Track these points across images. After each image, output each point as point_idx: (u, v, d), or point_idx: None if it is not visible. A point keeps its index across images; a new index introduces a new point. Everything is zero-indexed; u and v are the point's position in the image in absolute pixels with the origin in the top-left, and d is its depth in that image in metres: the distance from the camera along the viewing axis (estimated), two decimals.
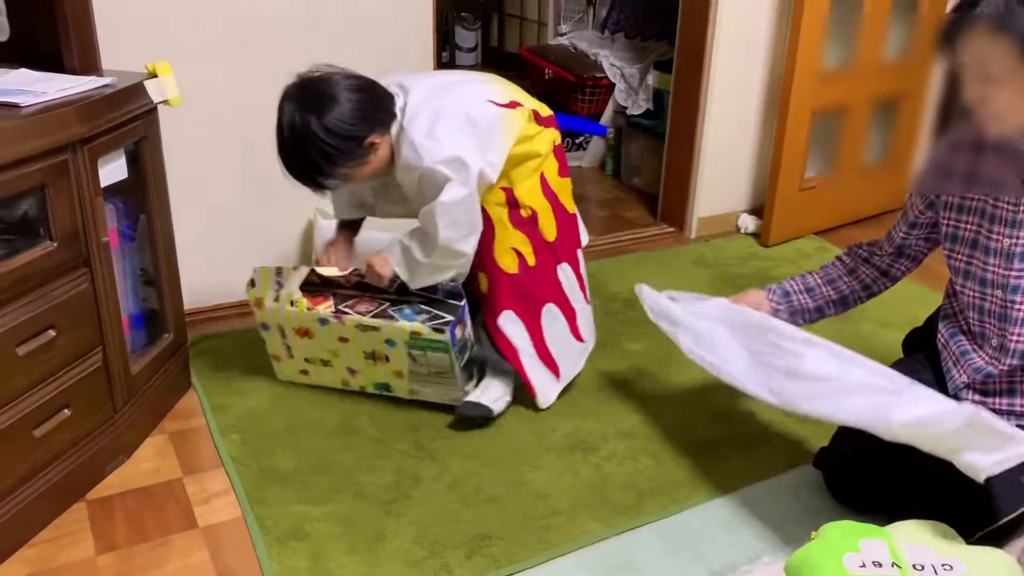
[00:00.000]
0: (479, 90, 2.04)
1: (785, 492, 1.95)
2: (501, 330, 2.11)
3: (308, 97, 1.86)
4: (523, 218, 2.08)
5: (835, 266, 2.02)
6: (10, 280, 1.60)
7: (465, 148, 1.91)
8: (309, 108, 1.84)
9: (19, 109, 1.62)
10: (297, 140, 1.86)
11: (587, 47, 4.36)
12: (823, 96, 3.17)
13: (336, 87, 1.88)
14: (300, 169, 1.92)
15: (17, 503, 1.68)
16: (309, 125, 1.84)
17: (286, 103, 1.87)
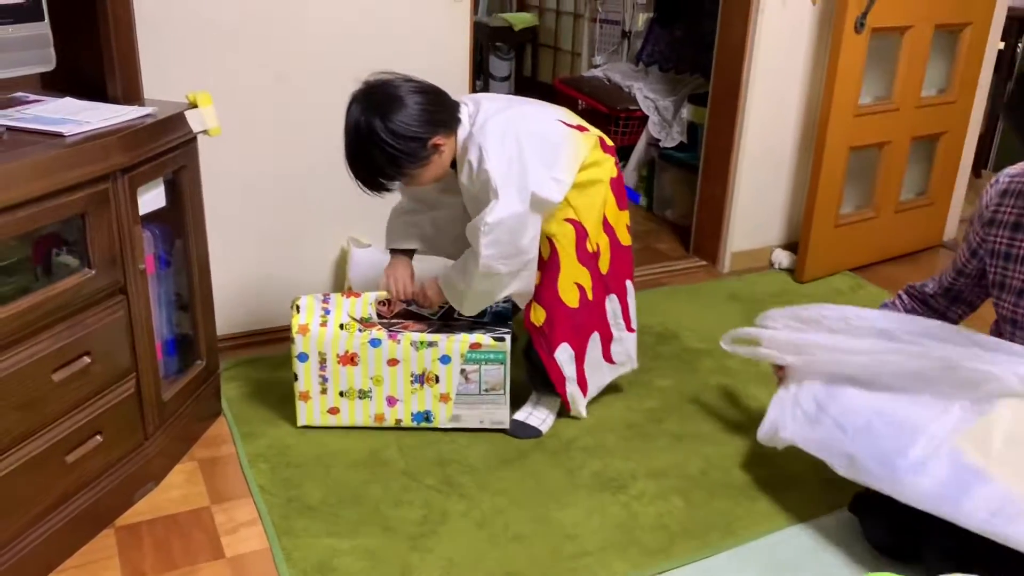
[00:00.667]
0: (549, 110, 2.12)
1: (820, 538, 1.90)
2: (556, 361, 2.15)
3: (373, 100, 1.89)
4: (589, 253, 2.12)
5: (894, 306, 2.02)
6: (49, 307, 1.61)
7: (529, 162, 1.94)
8: (374, 110, 1.87)
9: (63, 138, 1.64)
10: (362, 142, 1.89)
11: (621, 79, 4.36)
12: (860, 132, 3.15)
13: (400, 89, 1.91)
14: (365, 170, 1.94)
15: (48, 528, 1.69)
16: (373, 126, 1.86)
17: (353, 106, 1.90)
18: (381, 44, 2.55)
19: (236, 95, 2.39)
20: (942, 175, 3.56)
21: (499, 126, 1.95)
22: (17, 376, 1.56)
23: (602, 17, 5.00)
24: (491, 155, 1.92)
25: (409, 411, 2.17)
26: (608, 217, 2.17)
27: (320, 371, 2.15)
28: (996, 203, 1.81)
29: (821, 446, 1.83)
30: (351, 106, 1.91)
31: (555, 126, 2.06)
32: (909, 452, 1.64)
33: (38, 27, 1.76)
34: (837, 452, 1.78)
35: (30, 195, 1.53)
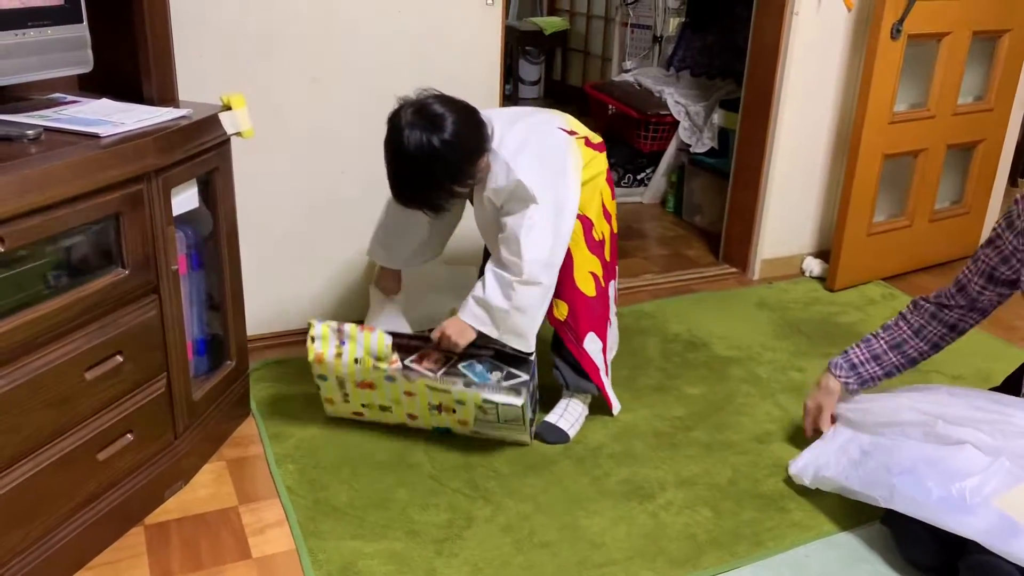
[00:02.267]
0: (548, 118, 2.17)
1: (851, 551, 1.88)
2: (586, 352, 2.17)
3: (426, 121, 1.89)
4: (596, 241, 2.16)
5: (899, 327, 2.01)
6: (83, 306, 1.63)
7: (547, 173, 2.01)
8: (431, 130, 1.88)
9: (99, 139, 1.66)
10: (423, 162, 1.89)
11: (652, 84, 4.35)
12: (895, 139, 3.11)
13: (447, 111, 1.92)
14: (423, 191, 1.95)
15: (78, 525, 1.71)
16: (435, 145, 1.87)
17: (407, 129, 1.88)
18: (413, 48, 2.56)
19: (270, 98, 2.41)
20: (978, 184, 3.50)
21: (516, 140, 2.02)
22: (51, 374, 1.58)
23: (633, 22, 4.98)
24: (520, 167, 1.97)
25: (430, 425, 2.18)
26: (606, 206, 2.24)
27: (342, 390, 2.15)
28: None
29: (864, 483, 1.83)
30: (401, 128, 1.89)
31: (558, 134, 2.12)
32: (955, 494, 1.65)
33: (76, 29, 1.78)
34: (880, 485, 1.78)
35: (66, 195, 1.54)
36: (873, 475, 1.82)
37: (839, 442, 1.98)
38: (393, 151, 1.92)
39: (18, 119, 1.71)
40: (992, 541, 1.58)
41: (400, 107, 1.94)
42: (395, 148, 1.91)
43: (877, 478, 1.80)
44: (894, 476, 1.76)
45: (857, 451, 1.90)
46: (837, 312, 3.07)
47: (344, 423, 2.24)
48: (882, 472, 1.80)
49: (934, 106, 3.17)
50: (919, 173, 3.27)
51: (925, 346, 1.98)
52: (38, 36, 1.71)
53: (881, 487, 1.78)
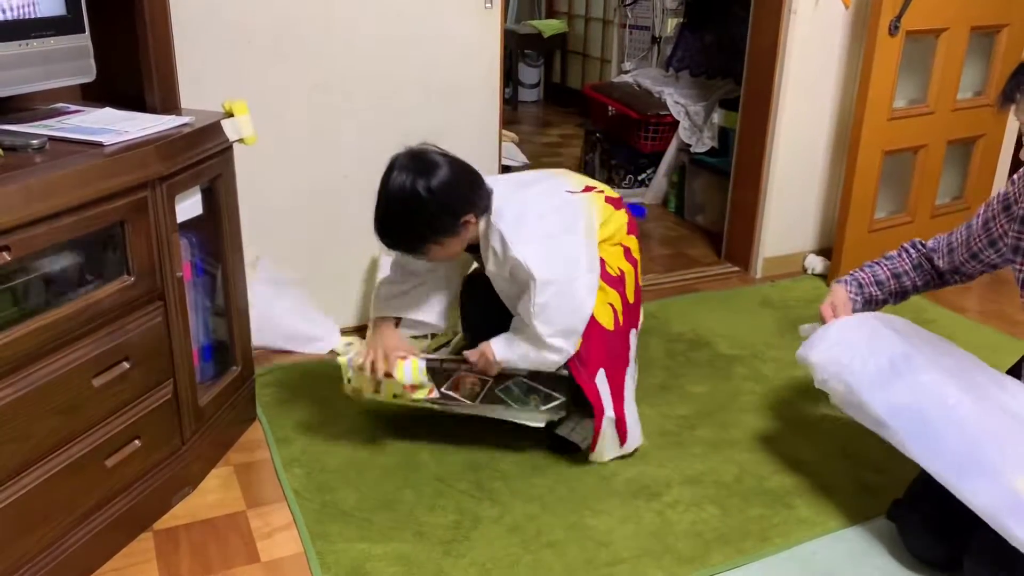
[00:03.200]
0: (554, 183, 2.12)
1: (858, 546, 1.88)
2: (596, 387, 2.06)
3: (418, 166, 1.90)
4: (612, 276, 2.10)
5: (901, 259, 2.05)
6: (89, 314, 1.64)
7: (549, 243, 1.96)
8: (418, 175, 1.89)
9: (103, 148, 1.67)
10: (404, 204, 1.89)
11: (651, 85, 4.36)
12: (895, 135, 3.11)
13: (443, 162, 1.92)
14: (400, 233, 1.95)
15: (87, 532, 1.71)
16: (418, 189, 1.88)
17: (396, 171, 1.90)
18: (413, 52, 2.57)
19: (271, 104, 2.42)
20: (978, 179, 3.51)
21: (514, 210, 1.98)
22: (59, 381, 1.59)
23: (631, 23, 5.00)
24: (516, 241, 1.93)
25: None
26: (633, 252, 2.20)
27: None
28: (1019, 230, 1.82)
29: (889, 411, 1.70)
30: (393, 170, 1.91)
31: (563, 197, 2.08)
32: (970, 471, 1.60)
33: (79, 39, 1.79)
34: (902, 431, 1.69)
35: (71, 204, 1.55)
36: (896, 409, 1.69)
37: (866, 332, 1.82)
38: (380, 188, 1.93)
39: (23, 129, 1.72)
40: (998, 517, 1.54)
41: (400, 152, 1.95)
42: (382, 185, 1.92)
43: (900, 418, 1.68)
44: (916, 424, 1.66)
45: (886, 360, 1.74)
46: None
47: (350, 427, 2.25)
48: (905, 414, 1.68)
49: (933, 102, 3.17)
50: (919, 169, 3.28)
51: (920, 282, 2.02)
52: (41, 47, 1.72)
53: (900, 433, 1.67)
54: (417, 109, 2.63)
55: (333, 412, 2.32)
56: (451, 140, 2.69)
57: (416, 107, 2.63)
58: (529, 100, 6.75)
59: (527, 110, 6.56)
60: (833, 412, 2.35)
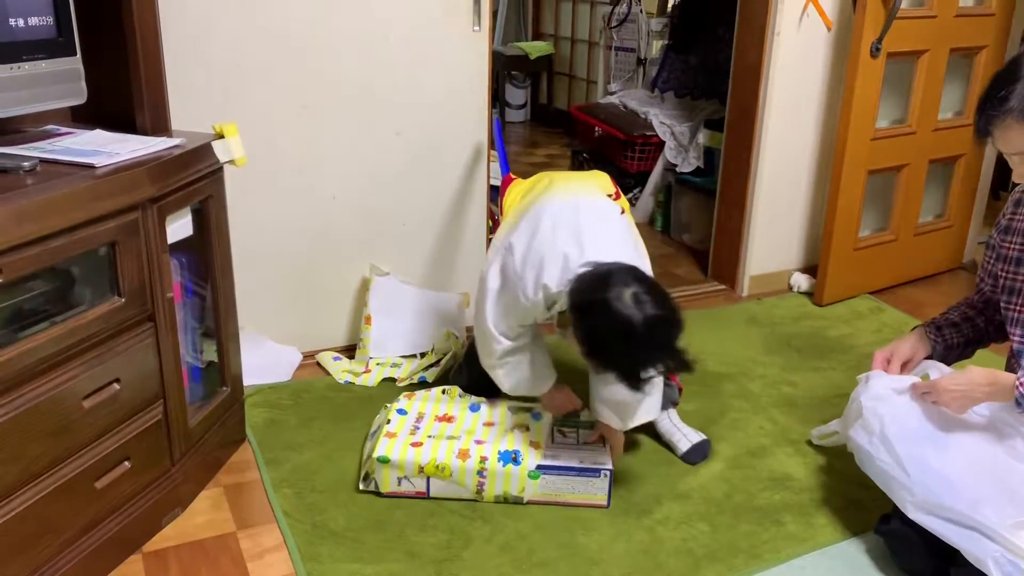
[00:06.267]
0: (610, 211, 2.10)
1: (847, 562, 1.89)
2: None
3: (654, 299, 1.76)
4: None
5: (968, 303, 2.05)
6: (80, 335, 1.64)
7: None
8: (664, 307, 1.77)
9: (94, 169, 1.68)
10: (672, 336, 1.78)
11: (637, 105, 4.40)
12: (878, 155, 3.16)
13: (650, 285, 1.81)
14: (669, 355, 1.80)
15: (77, 554, 1.70)
16: (678, 319, 1.79)
17: (650, 311, 1.73)
18: (402, 74, 2.60)
19: (261, 125, 2.43)
20: (960, 197, 3.56)
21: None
22: (49, 403, 1.58)
23: (617, 45, 5.05)
24: None
25: (496, 449, 2.05)
26: None
27: (415, 423, 2.16)
28: (1011, 212, 1.90)
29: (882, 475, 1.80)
30: (634, 310, 1.72)
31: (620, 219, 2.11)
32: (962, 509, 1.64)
33: (70, 62, 1.80)
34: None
35: (63, 225, 1.55)
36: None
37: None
38: (639, 339, 1.74)
39: (14, 151, 1.72)
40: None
41: (609, 294, 1.74)
42: (642, 335, 1.73)
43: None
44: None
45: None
46: (826, 326, 3.10)
47: (340, 447, 2.25)
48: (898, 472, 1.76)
49: (915, 122, 3.22)
50: (902, 188, 3.32)
51: (991, 327, 2.02)
52: (32, 69, 1.73)
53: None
54: (406, 130, 2.65)
55: (323, 433, 2.32)
56: (440, 160, 2.73)
57: (405, 128, 2.65)
58: (516, 121, 6.79)
59: (514, 130, 6.60)
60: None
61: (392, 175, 2.68)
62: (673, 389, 2.30)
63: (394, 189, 2.68)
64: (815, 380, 2.70)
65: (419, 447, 2.03)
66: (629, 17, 4.93)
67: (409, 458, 2.01)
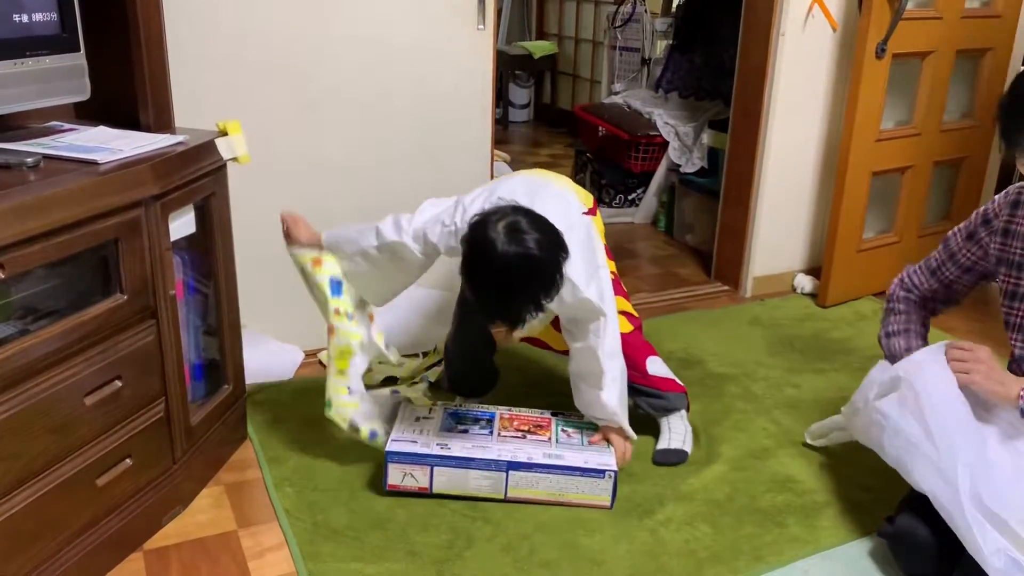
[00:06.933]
0: (575, 205, 2.10)
1: (850, 564, 1.89)
2: (655, 376, 2.23)
3: (522, 237, 1.78)
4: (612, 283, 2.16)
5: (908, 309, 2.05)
6: (82, 332, 1.64)
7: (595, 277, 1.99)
8: (528, 246, 1.77)
9: (97, 166, 1.67)
10: (526, 277, 1.79)
11: (641, 105, 4.39)
12: (882, 157, 3.15)
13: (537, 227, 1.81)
14: (519, 306, 1.83)
15: (78, 551, 1.70)
16: (537, 261, 1.78)
17: (506, 246, 1.76)
18: (406, 73, 2.59)
19: (265, 123, 2.43)
20: (965, 199, 3.54)
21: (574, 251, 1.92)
22: (51, 400, 1.58)
23: (621, 45, 5.04)
24: (581, 283, 1.92)
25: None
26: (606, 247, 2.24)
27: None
28: (1009, 214, 1.84)
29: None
30: (496, 243, 1.76)
31: (584, 221, 2.06)
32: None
33: (74, 58, 1.80)
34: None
35: (65, 221, 1.55)
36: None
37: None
38: (490, 272, 1.80)
39: (17, 147, 1.72)
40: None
41: (482, 226, 1.80)
42: (492, 269, 1.79)
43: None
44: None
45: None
46: (829, 328, 3.09)
47: (342, 446, 2.24)
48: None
49: (920, 124, 3.21)
50: (907, 190, 3.31)
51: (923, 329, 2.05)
52: (36, 65, 1.72)
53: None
54: (410, 129, 2.65)
55: (325, 431, 2.30)
56: (444, 160, 2.72)
57: (409, 127, 2.65)
58: (519, 120, 6.79)
59: (517, 130, 6.59)
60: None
61: (395, 173, 2.68)
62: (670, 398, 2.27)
63: (397, 187, 2.67)
64: (818, 382, 2.69)
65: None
66: (633, 17, 4.92)
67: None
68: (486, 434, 2.11)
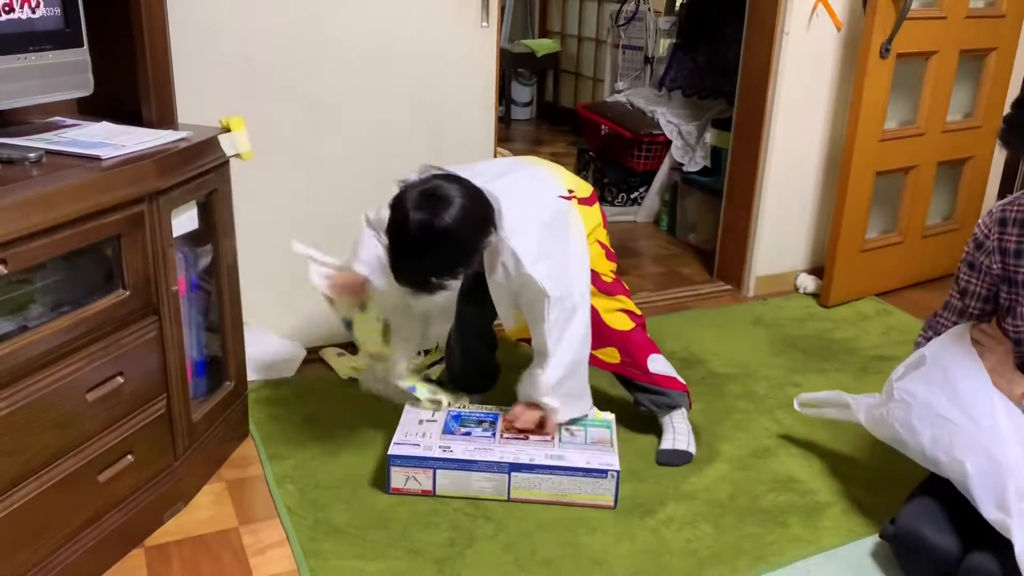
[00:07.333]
0: (551, 188, 2.09)
1: (852, 565, 1.88)
2: (657, 374, 2.22)
3: (433, 204, 1.81)
4: (609, 283, 2.18)
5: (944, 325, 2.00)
6: (84, 328, 1.63)
7: (555, 260, 1.98)
8: (436, 214, 1.80)
9: (100, 161, 1.67)
10: (426, 243, 1.82)
11: (644, 104, 4.39)
12: (886, 157, 3.14)
13: (454, 194, 1.84)
14: (421, 272, 1.88)
15: (79, 547, 1.70)
16: (440, 229, 1.80)
17: (413, 211, 1.80)
18: (409, 70, 2.59)
19: (268, 120, 2.42)
20: (968, 200, 3.54)
21: (518, 222, 1.94)
22: (53, 396, 1.58)
23: (625, 43, 5.03)
24: (528, 260, 1.92)
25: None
26: (606, 243, 2.25)
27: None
28: (1019, 234, 1.81)
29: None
30: (410, 211, 1.81)
31: (558, 204, 2.04)
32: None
33: (77, 53, 1.80)
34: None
35: (68, 217, 1.55)
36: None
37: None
38: (395, 231, 1.84)
39: (20, 142, 1.72)
40: None
41: (404, 190, 1.85)
42: (397, 229, 1.83)
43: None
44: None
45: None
46: (832, 328, 3.08)
47: (343, 443, 2.24)
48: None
49: (924, 124, 3.21)
50: (910, 190, 3.31)
51: None
52: (39, 60, 1.72)
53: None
54: (413, 126, 2.65)
55: (326, 428, 2.31)
56: (447, 157, 2.71)
57: (412, 124, 2.64)
58: (522, 118, 6.78)
59: (520, 128, 6.59)
60: (825, 431, 2.36)
61: (399, 171, 2.66)
62: (671, 395, 2.27)
63: None
64: (820, 382, 2.68)
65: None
66: (637, 15, 4.91)
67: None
68: (488, 436, 2.10)
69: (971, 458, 1.65)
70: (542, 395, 2.06)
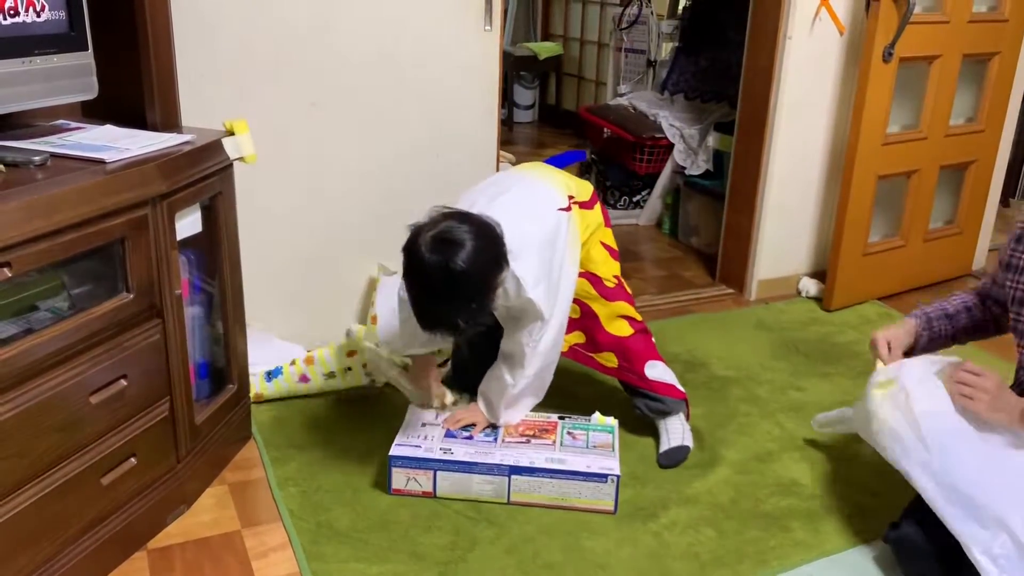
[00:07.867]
0: (549, 201, 2.05)
1: (855, 569, 1.88)
2: (655, 380, 2.23)
3: (446, 249, 1.76)
4: (611, 288, 2.18)
5: (966, 295, 2.04)
6: (88, 331, 1.64)
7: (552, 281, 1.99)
8: (450, 258, 1.75)
9: (104, 165, 1.67)
10: (447, 289, 1.78)
11: (646, 107, 4.39)
12: (888, 161, 3.14)
13: (467, 236, 1.79)
14: (448, 317, 1.82)
15: (82, 550, 1.70)
16: (457, 273, 1.75)
17: (430, 255, 1.76)
18: (412, 72, 2.59)
19: (271, 123, 2.43)
20: (971, 204, 3.54)
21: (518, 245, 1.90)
22: (56, 398, 1.58)
23: (627, 46, 5.03)
24: (528, 283, 1.91)
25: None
26: (609, 243, 2.24)
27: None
28: (1012, 248, 1.86)
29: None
30: (427, 256, 1.76)
31: (555, 218, 2.02)
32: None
33: (82, 57, 1.80)
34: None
35: (72, 220, 1.55)
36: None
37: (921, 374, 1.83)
38: (414, 278, 1.81)
39: (24, 145, 1.72)
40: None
41: (417, 233, 1.80)
42: (416, 275, 1.80)
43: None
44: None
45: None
46: (834, 332, 3.08)
47: (345, 446, 2.24)
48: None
49: (926, 128, 3.21)
50: (913, 194, 3.31)
51: (989, 316, 2.01)
52: (44, 64, 1.73)
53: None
54: (415, 129, 2.65)
55: (328, 432, 2.31)
56: (449, 159, 2.72)
57: (414, 127, 2.65)
58: (524, 121, 6.79)
59: (522, 131, 6.59)
60: (827, 435, 2.36)
61: (401, 174, 2.68)
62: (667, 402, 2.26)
63: (403, 188, 2.67)
64: (823, 386, 2.68)
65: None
66: (639, 19, 4.91)
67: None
68: (490, 440, 2.10)
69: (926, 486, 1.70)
70: (502, 406, 2.12)
